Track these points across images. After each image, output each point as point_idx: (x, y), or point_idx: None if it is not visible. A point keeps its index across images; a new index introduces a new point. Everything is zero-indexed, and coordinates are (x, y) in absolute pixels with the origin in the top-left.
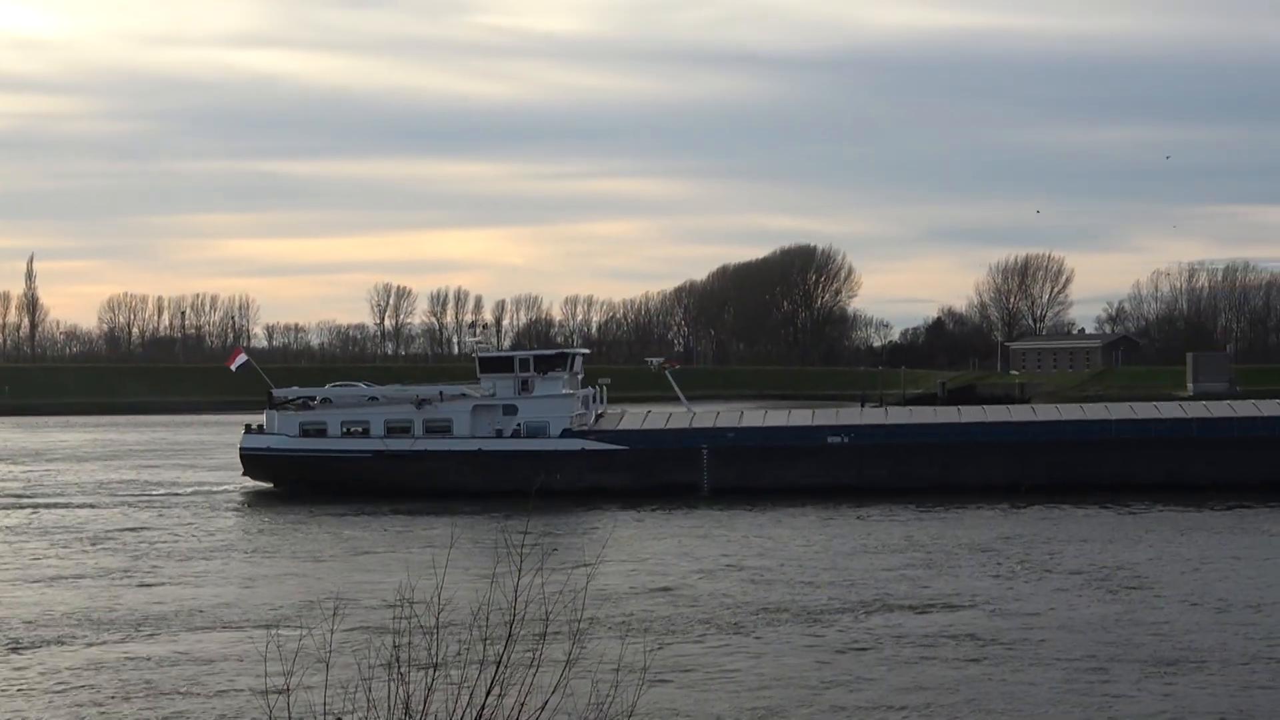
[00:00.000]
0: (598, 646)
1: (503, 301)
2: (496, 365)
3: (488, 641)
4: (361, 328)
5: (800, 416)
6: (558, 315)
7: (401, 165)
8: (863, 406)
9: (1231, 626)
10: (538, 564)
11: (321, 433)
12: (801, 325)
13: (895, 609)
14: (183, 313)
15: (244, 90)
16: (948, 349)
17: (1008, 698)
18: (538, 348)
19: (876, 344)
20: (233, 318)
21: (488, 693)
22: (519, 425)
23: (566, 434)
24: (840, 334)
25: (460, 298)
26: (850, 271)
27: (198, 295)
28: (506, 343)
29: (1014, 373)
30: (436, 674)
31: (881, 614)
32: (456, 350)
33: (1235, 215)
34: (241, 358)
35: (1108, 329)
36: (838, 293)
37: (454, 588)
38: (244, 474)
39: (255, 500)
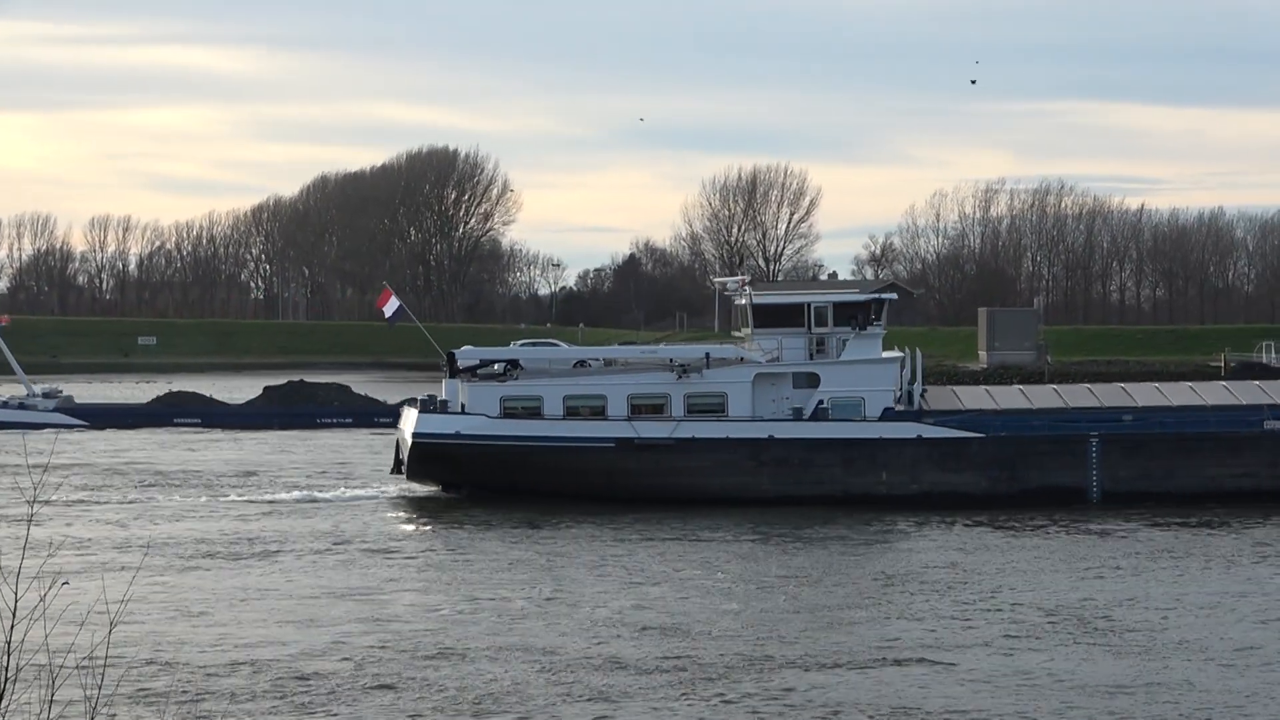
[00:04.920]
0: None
1: None
2: (781, 315)
3: None
4: None
5: (1213, 391)
6: (79, 244)
7: None
8: None
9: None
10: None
11: (535, 412)
12: (437, 264)
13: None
14: None
15: None
16: (645, 299)
17: None
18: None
19: (544, 291)
20: None
21: None
22: (822, 402)
23: (890, 415)
24: (493, 276)
25: None
26: (506, 187)
27: None
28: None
29: (737, 333)
30: None
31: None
32: None
33: (1050, 115)
34: (392, 303)
35: (869, 273)
36: (488, 217)
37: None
38: (396, 471)
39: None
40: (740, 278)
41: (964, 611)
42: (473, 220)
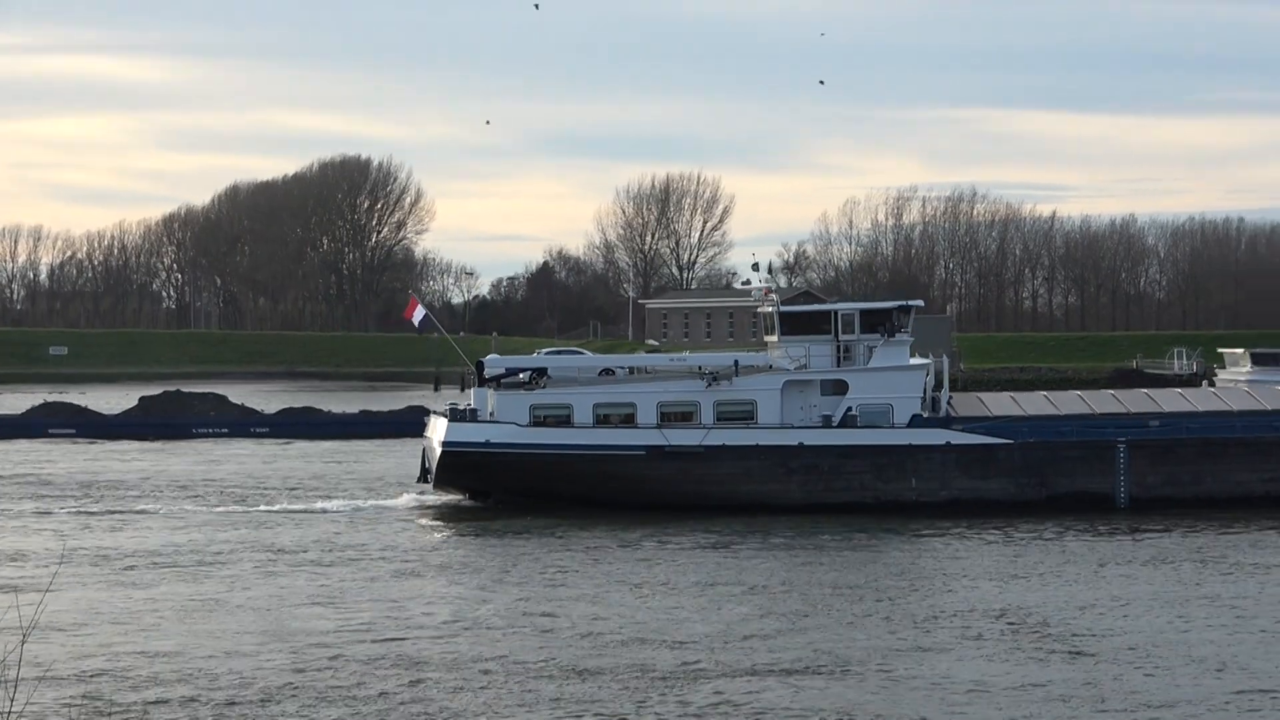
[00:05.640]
0: None
1: None
2: (807, 323)
3: None
4: None
5: (1238, 398)
6: None
7: None
8: (436, 389)
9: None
10: None
11: (565, 420)
12: (350, 273)
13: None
14: None
15: None
16: (559, 309)
17: None
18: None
19: (458, 300)
20: None
21: None
22: (850, 409)
23: (919, 422)
24: (406, 285)
25: None
26: (419, 196)
27: None
28: None
29: (651, 342)
30: None
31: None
32: None
33: (961, 122)
34: (419, 312)
35: (783, 281)
36: (401, 226)
37: None
38: (423, 479)
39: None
40: (764, 285)
41: (918, 618)
42: (386, 229)
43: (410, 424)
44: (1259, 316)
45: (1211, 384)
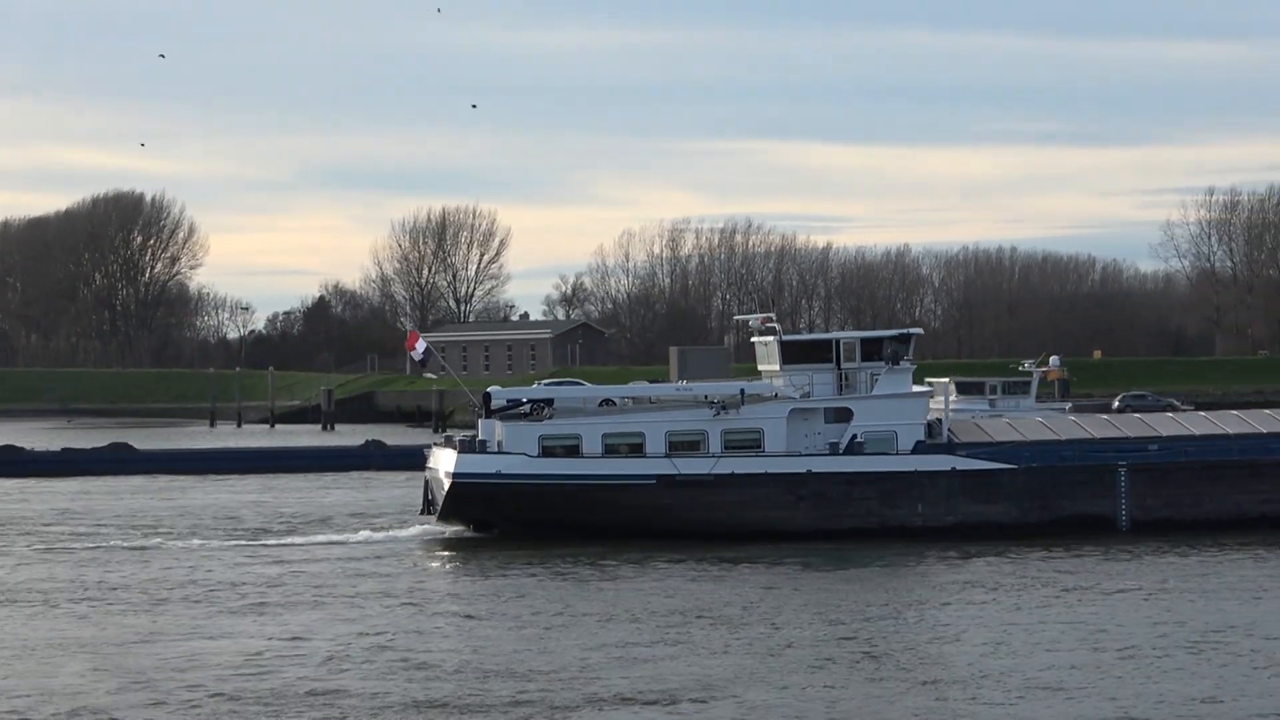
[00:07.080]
0: None
1: None
2: (808, 352)
3: None
4: None
5: (1234, 422)
6: None
7: None
8: (213, 424)
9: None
10: None
11: (574, 451)
12: (123, 308)
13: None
14: None
15: None
16: (336, 343)
17: None
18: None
19: (233, 335)
20: None
21: None
22: (855, 436)
23: (923, 448)
24: (180, 321)
25: None
26: (192, 231)
27: None
28: None
29: (431, 376)
30: None
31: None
32: None
33: (735, 154)
34: (421, 345)
35: (561, 314)
36: (175, 261)
37: None
38: (426, 512)
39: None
40: (762, 315)
41: (760, 647)
42: (159, 264)
43: (111, 461)
44: (1030, 345)
45: None
